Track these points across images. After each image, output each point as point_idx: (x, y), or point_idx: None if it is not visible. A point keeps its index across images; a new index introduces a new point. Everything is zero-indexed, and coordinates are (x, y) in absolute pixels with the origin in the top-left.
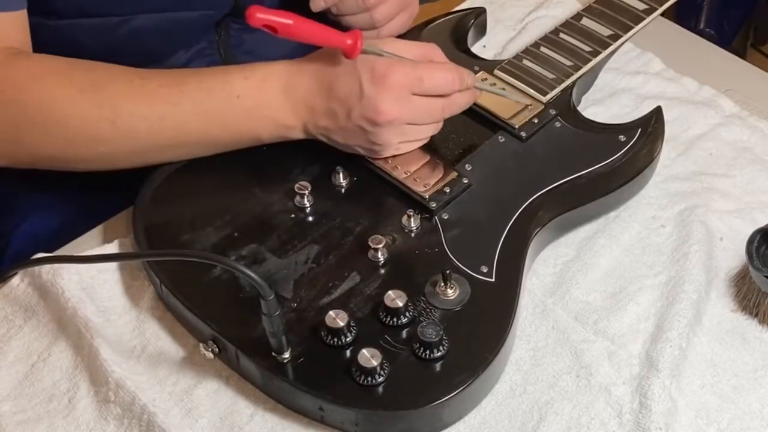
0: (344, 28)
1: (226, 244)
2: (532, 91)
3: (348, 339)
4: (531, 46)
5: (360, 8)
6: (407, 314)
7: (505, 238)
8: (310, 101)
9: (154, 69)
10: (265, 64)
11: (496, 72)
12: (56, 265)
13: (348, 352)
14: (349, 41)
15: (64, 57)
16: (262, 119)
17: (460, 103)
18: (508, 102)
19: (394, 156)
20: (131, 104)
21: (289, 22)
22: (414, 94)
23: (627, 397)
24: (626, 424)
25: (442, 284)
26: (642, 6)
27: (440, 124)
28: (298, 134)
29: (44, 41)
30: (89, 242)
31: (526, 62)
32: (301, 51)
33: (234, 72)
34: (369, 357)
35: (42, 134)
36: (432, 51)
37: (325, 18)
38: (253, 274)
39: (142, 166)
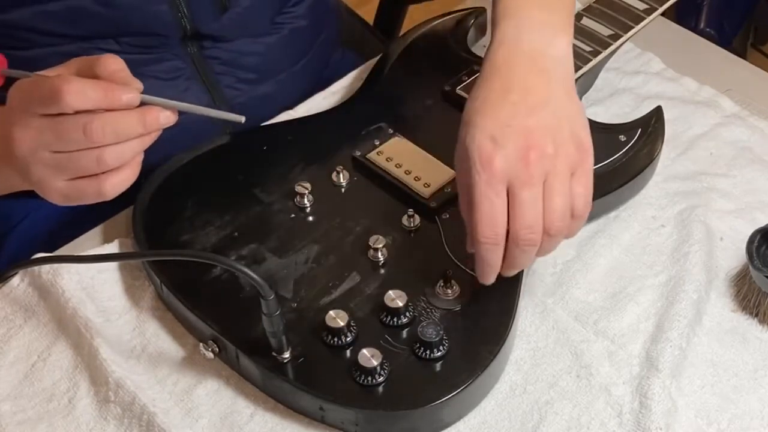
0: None
1: (227, 244)
2: None
3: (348, 339)
4: None
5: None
6: (407, 314)
7: None
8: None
9: None
10: None
11: None
12: (56, 265)
13: (348, 352)
14: None
15: None
16: None
17: (109, 123)
18: None
19: (394, 156)
20: None
21: None
22: (39, 115)
23: (627, 397)
24: (626, 424)
25: (443, 284)
26: (642, 6)
27: (110, 154)
28: (23, 185)
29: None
30: (89, 242)
31: None
32: (276, 59)
33: None
34: (369, 357)
35: None
36: (96, 61)
37: None
38: (253, 274)
39: None
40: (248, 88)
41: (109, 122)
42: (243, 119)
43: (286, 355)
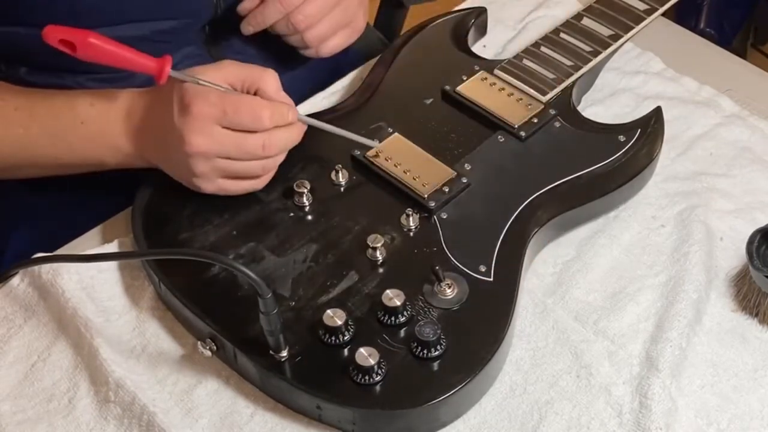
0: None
1: (225, 243)
2: (532, 91)
3: (346, 338)
4: (531, 45)
5: (291, 30)
6: (405, 313)
7: (503, 237)
8: (142, 130)
9: (17, 87)
10: (113, 90)
11: (496, 72)
12: (56, 265)
13: (346, 351)
14: (153, 64)
15: None
16: (105, 146)
17: (281, 139)
18: (508, 101)
19: (393, 155)
20: None
21: (90, 40)
22: (223, 127)
23: (627, 397)
24: (626, 424)
25: (440, 283)
26: (643, 6)
27: (272, 162)
28: (139, 163)
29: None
30: (89, 242)
31: (526, 62)
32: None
33: (81, 97)
34: (366, 356)
35: None
36: (260, 78)
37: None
38: (250, 273)
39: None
40: None
41: (282, 139)
42: (377, 144)
43: (284, 353)
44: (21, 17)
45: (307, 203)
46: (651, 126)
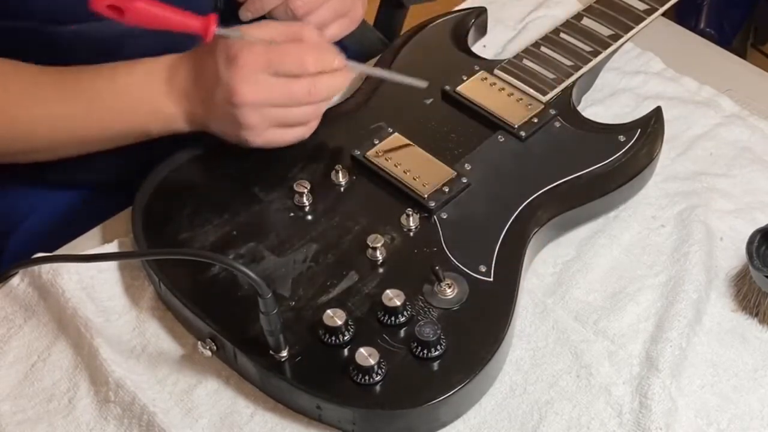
0: None
1: (225, 243)
2: (532, 91)
3: (346, 338)
4: (531, 45)
5: (289, 17)
6: (405, 313)
7: (503, 237)
8: (187, 90)
9: (53, 67)
10: (150, 58)
11: (496, 71)
12: (56, 265)
13: (345, 351)
14: (199, 23)
15: None
16: (148, 112)
17: (327, 84)
18: (508, 101)
19: (393, 155)
20: (30, 105)
21: (138, 4)
22: (270, 75)
23: (627, 397)
24: (626, 424)
25: (440, 283)
26: (643, 6)
27: (318, 109)
28: (183, 125)
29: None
30: (89, 242)
31: (526, 62)
32: None
33: (120, 68)
34: (366, 356)
35: None
36: (301, 31)
37: None
38: (250, 273)
39: (46, 160)
40: None
41: (327, 84)
42: (425, 84)
43: (284, 353)
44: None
45: (307, 203)
46: (651, 126)
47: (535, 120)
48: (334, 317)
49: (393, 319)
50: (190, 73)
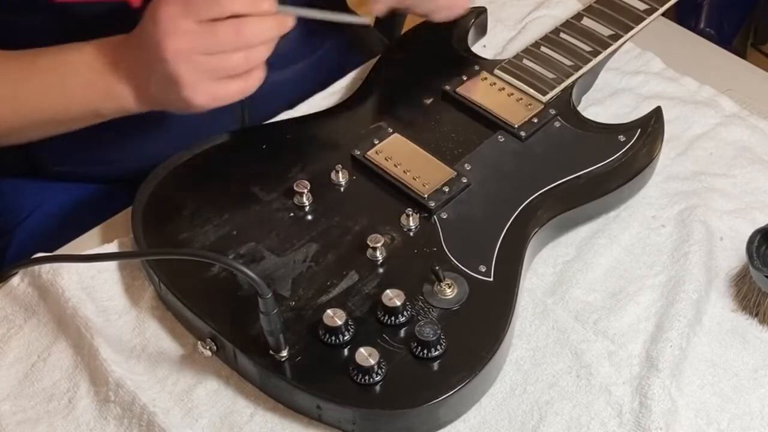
0: None
1: (225, 243)
2: (532, 91)
3: (346, 338)
4: (531, 45)
5: None
6: (405, 313)
7: (503, 237)
8: (131, 66)
9: (12, 51)
10: (101, 39)
11: (496, 71)
12: (56, 265)
13: (345, 351)
14: None
15: None
16: (99, 92)
17: (255, 27)
18: (509, 102)
19: (393, 155)
20: None
21: None
22: (194, 22)
23: (627, 397)
24: (626, 424)
25: (440, 283)
26: (643, 6)
27: (254, 54)
28: (133, 104)
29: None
30: (89, 242)
31: (526, 62)
32: (294, 46)
33: (72, 48)
34: (366, 356)
35: None
36: None
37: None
38: (250, 273)
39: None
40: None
41: (256, 25)
42: (371, 22)
43: (284, 353)
44: None
45: (307, 203)
46: (651, 126)
47: (535, 120)
48: (334, 317)
49: (393, 319)
50: (132, 49)
